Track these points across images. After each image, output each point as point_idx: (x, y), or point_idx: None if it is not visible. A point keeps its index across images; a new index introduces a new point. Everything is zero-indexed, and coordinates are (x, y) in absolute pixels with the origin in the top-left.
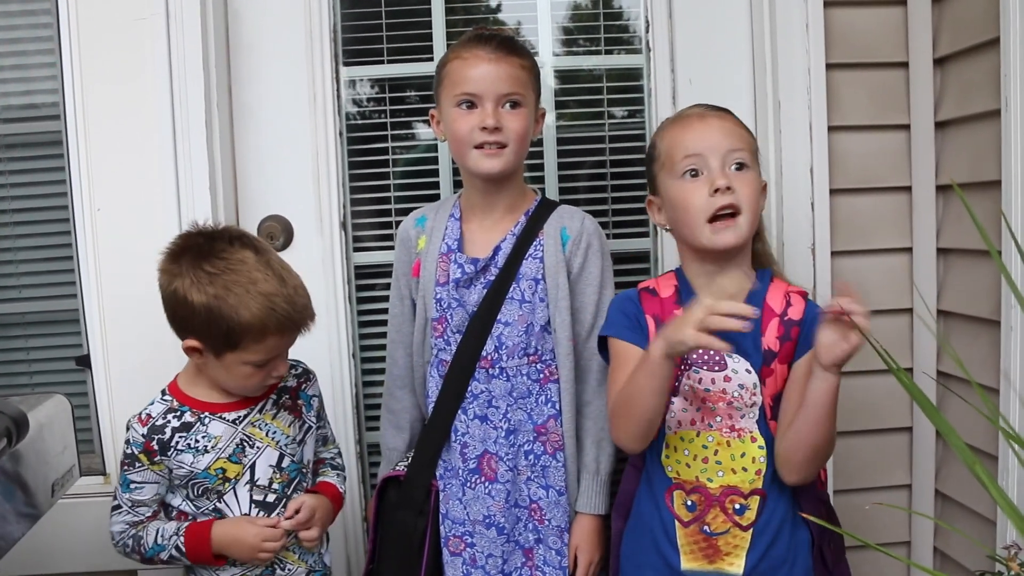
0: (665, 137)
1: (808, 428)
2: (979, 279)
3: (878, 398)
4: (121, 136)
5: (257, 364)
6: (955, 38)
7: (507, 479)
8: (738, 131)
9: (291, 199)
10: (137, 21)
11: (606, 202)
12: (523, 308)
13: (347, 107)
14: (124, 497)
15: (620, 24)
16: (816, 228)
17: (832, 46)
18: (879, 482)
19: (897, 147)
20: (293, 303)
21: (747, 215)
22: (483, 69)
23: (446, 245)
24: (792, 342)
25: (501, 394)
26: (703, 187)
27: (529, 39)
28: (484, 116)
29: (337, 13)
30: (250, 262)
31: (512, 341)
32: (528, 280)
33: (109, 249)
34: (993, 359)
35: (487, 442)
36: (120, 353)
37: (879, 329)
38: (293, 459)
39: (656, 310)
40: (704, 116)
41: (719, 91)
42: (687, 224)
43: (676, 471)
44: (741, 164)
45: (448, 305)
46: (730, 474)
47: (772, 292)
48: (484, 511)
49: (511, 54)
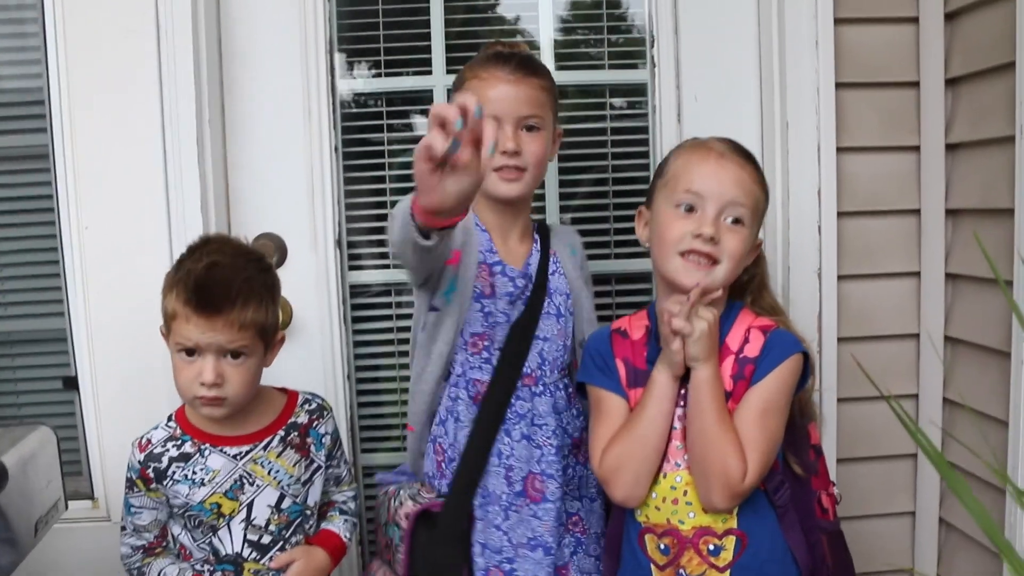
0: (680, 158)
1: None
2: (988, 307)
3: (881, 424)
4: (110, 152)
5: (186, 352)
6: (968, 59)
7: (556, 497)
8: (750, 186)
9: (285, 216)
10: (127, 34)
11: (608, 220)
12: (560, 322)
13: (343, 122)
14: (127, 520)
15: (625, 39)
16: (823, 252)
17: (842, 64)
18: (882, 509)
19: (906, 169)
20: (213, 281)
21: (725, 267)
22: (502, 90)
23: (482, 255)
24: (746, 380)
25: (546, 411)
26: (690, 224)
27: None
28: (504, 139)
29: (333, 25)
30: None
31: (552, 356)
32: (560, 295)
33: (97, 268)
34: (1002, 389)
35: (531, 462)
36: (108, 374)
37: (885, 354)
38: (295, 500)
39: (627, 352)
40: (723, 156)
41: (725, 109)
42: (660, 249)
43: (646, 515)
44: (737, 219)
45: (496, 321)
46: (701, 514)
47: (735, 329)
48: (529, 533)
49: (531, 75)
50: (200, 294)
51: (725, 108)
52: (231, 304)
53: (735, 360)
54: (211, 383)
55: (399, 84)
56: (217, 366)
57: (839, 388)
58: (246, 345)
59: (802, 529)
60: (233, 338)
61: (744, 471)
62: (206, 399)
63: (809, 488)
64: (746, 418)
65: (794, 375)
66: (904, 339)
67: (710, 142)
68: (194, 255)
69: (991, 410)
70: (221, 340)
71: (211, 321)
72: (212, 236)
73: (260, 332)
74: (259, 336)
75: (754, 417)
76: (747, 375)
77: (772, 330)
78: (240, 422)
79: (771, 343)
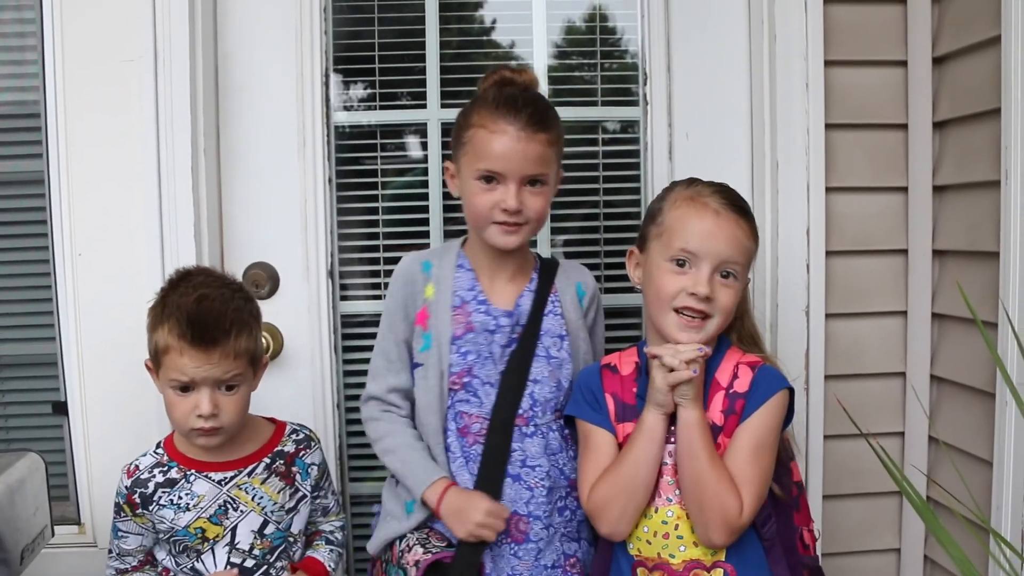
0: (674, 210)
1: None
2: (974, 347)
3: (867, 462)
4: (105, 179)
5: (180, 388)
6: (955, 103)
7: (539, 538)
8: (744, 243)
9: (278, 246)
10: (125, 63)
11: (599, 255)
12: (551, 364)
13: (337, 153)
14: (113, 543)
15: (618, 76)
16: (811, 290)
17: (831, 106)
18: (868, 545)
19: (894, 210)
20: (206, 313)
21: (716, 321)
22: (510, 148)
23: (459, 297)
24: (736, 415)
25: (537, 452)
26: (684, 281)
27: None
28: (506, 196)
29: (329, 58)
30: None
31: (544, 397)
32: (552, 337)
33: (90, 294)
34: (987, 429)
35: (517, 503)
36: (98, 400)
37: (872, 392)
38: (279, 527)
39: (616, 388)
40: (719, 215)
41: (716, 148)
42: (655, 302)
43: (637, 548)
44: (729, 274)
45: (477, 357)
46: (692, 548)
47: (724, 365)
48: (508, 570)
49: (540, 130)
50: (195, 328)
51: (716, 147)
52: (226, 336)
53: (725, 395)
54: (208, 414)
55: (394, 117)
56: (213, 398)
57: (826, 426)
58: (240, 374)
59: (787, 564)
60: (229, 368)
61: (741, 507)
62: (203, 430)
63: (792, 524)
64: (740, 456)
65: (782, 410)
66: (890, 377)
67: (706, 195)
68: (178, 289)
69: (976, 450)
70: (217, 373)
71: (208, 354)
72: (191, 269)
73: (251, 360)
74: (250, 364)
75: (747, 455)
76: (738, 410)
77: (760, 366)
78: (227, 449)
79: (759, 379)
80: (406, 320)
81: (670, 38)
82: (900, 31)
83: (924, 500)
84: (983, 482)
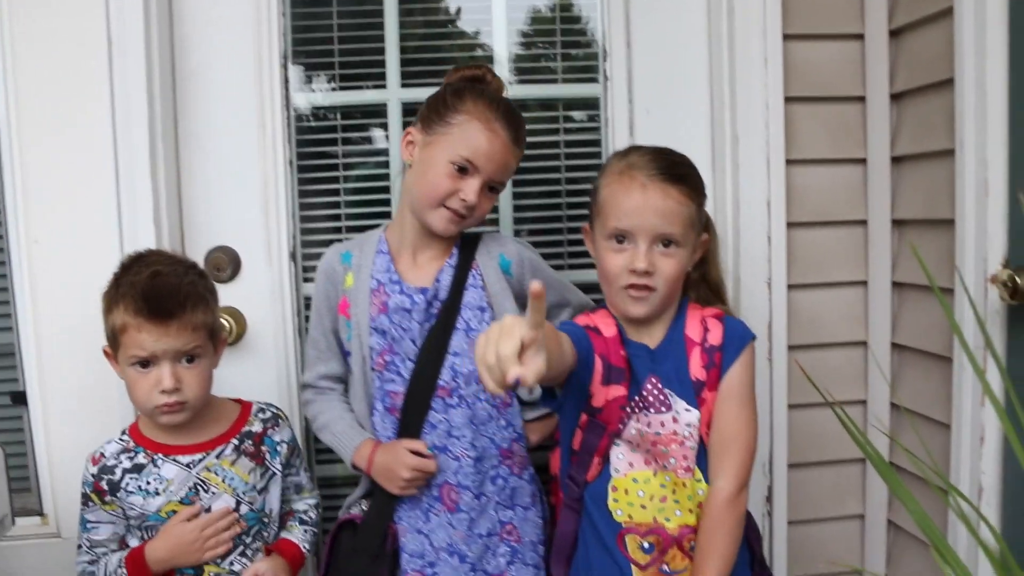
0: (606, 188)
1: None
2: (932, 314)
3: (830, 430)
4: (60, 165)
5: (140, 363)
6: (911, 75)
7: (471, 507)
8: (677, 210)
9: (239, 229)
10: (78, 45)
11: (562, 232)
12: (470, 336)
13: (298, 135)
14: (83, 537)
15: (578, 53)
16: (773, 262)
17: (790, 80)
18: (833, 512)
19: (854, 181)
20: (160, 287)
21: (662, 291)
22: (486, 146)
23: (376, 280)
24: (717, 368)
25: (463, 423)
26: (624, 258)
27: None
28: (468, 192)
29: (288, 39)
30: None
31: (467, 369)
32: (473, 309)
33: (47, 282)
34: (946, 393)
35: (446, 473)
36: (58, 389)
37: (834, 361)
38: (252, 507)
39: (603, 349)
40: (646, 188)
41: (677, 123)
42: (604, 282)
43: (628, 514)
44: (670, 242)
45: (394, 336)
46: (687, 514)
47: (690, 321)
48: (447, 539)
49: (517, 138)
50: (151, 302)
51: (676, 122)
52: (182, 308)
53: (703, 350)
54: (171, 388)
55: (354, 98)
56: (174, 371)
57: (789, 395)
58: (200, 346)
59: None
60: (188, 340)
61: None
62: (167, 406)
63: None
64: (731, 413)
65: (754, 358)
66: (852, 346)
67: (637, 166)
68: (131, 270)
69: (935, 414)
70: (177, 344)
71: (165, 327)
72: (143, 252)
73: (210, 333)
74: (209, 337)
75: (738, 410)
76: (717, 362)
77: (725, 317)
78: (193, 431)
79: (730, 331)
80: (330, 312)
81: (629, 14)
82: (857, 4)
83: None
84: (942, 444)
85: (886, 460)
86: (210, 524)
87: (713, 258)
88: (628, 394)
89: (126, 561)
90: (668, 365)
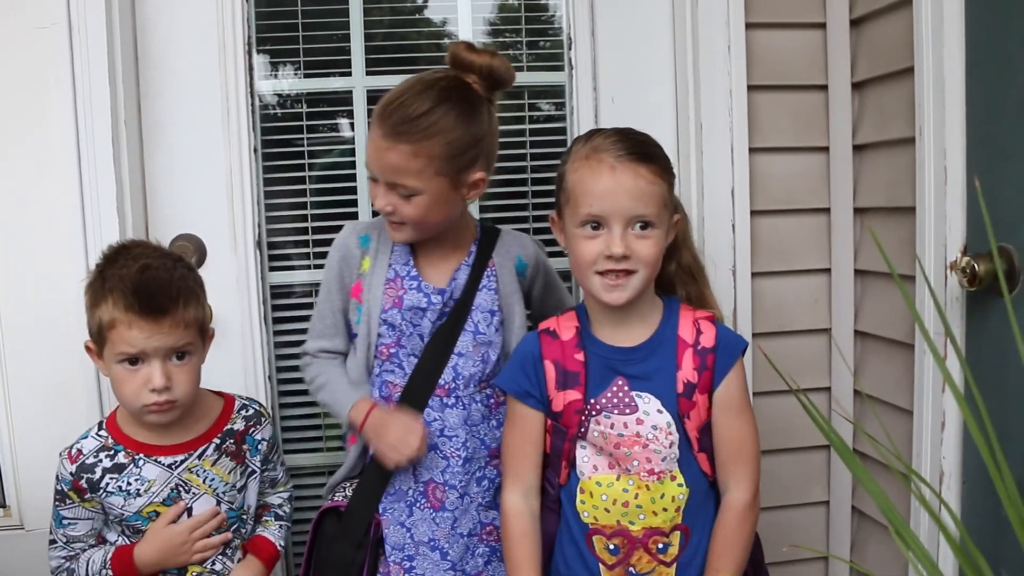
0: (573, 174)
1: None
2: (894, 301)
3: (796, 417)
4: (20, 152)
5: (129, 360)
6: (872, 63)
7: (455, 507)
8: (650, 189)
9: (204, 217)
10: (37, 30)
11: (527, 220)
12: (477, 339)
13: (263, 123)
14: (58, 533)
15: (542, 41)
16: (737, 250)
17: (753, 68)
18: (798, 499)
19: (816, 169)
20: (151, 282)
21: (642, 274)
22: (371, 151)
23: (394, 271)
24: (709, 371)
25: (457, 423)
26: (599, 244)
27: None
28: (376, 199)
29: (252, 26)
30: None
31: (468, 371)
32: (483, 312)
33: (8, 272)
34: (908, 380)
35: (433, 471)
36: (20, 380)
37: (798, 348)
38: (232, 506)
39: (556, 354)
40: (616, 170)
41: (641, 111)
42: (578, 271)
43: (593, 516)
44: (645, 224)
45: (403, 331)
46: (651, 516)
47: (682, 322)
48: (429, 534)
49: (392, 133)
50: (142, 298)
51: (641, 110)
52: (174, 304)
53: (694, 352)
54: (162, 387)
55: (319, 85)
56: (165, 369)
57: (754, 383)
58: (191, 343)
59: None
60: (180, 337)
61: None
62: (156, 405)
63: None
64: (735, 421)
65: (743, 367)
66: (816, 334)
67: (603, 148)
68: (117, 262)
69: (898, 400)
70: (169, 342)
71: (158, 323)
72: (127, 242)
73: (200, 329)
74: (199, 333)
75: (739, 418)
76: (710, 365)
77: (717, 320)
78: (177, 429)
79: (723, 337)
80: (342, 292)
81: (594, 3)
82: None
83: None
84: (905, 431)
85: (850, 447)
86: (199, 526)
87: (686, 239)
88: (584, 397)
89: (112, 562)
90: (651, 365)
